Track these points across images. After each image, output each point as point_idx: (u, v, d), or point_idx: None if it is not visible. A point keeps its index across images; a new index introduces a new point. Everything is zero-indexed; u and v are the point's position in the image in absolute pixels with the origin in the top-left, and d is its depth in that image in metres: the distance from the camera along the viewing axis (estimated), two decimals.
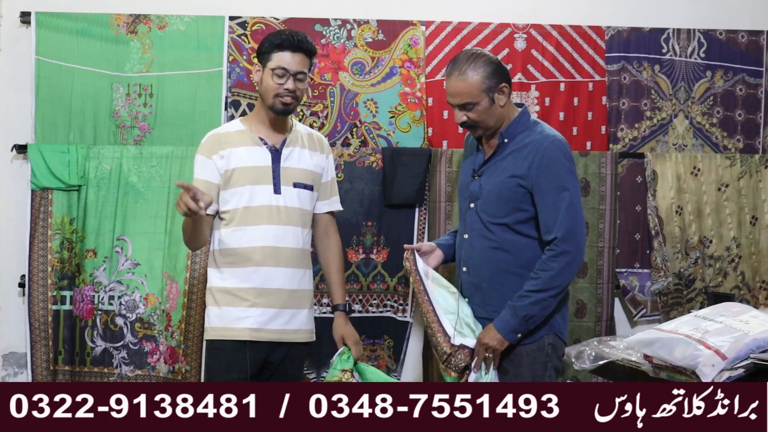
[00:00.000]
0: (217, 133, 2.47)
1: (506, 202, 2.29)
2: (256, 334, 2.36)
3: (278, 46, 2.37)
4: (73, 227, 3.38)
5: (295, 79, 2.38)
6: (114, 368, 3.37)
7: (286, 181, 2.42)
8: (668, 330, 2.29)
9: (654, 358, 2.28)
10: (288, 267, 2.42)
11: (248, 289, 2.37)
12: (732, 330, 2.16)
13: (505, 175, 2.30)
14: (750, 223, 3.71)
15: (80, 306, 3.37)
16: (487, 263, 2.31)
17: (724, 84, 3.75)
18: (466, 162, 2.49)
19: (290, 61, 2.36)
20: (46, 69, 3.44)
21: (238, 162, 2.40)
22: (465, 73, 2.27)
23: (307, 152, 2.50)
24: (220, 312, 2.40)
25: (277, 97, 2.37)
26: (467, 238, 2.36)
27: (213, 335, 2.42)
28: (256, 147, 2.42)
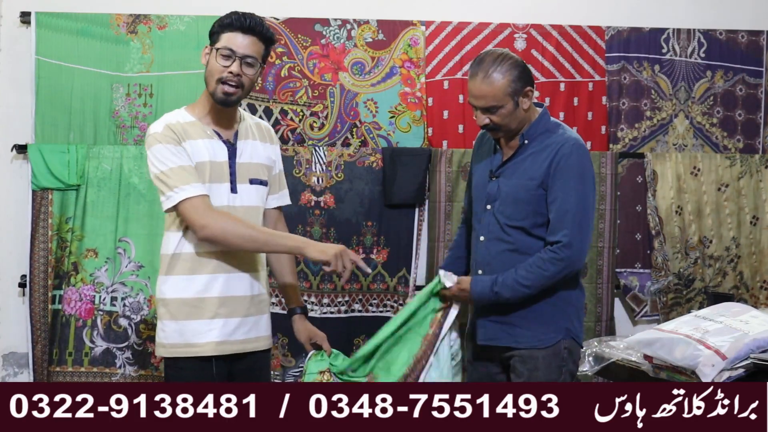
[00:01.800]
0: (171, 124, 2.14)
1: (525, 205, 2.24)
2: (221, 347, 2.12)
3: (228, 26, 2.13)
4: (68, 226, 3.38)
5: (243, 62, 2.11)
6: (117, 368, 3.37)
7: (242, 178, 2.17)
8: (668, 330, 2.29)
9: (654, 358, 2.28)
10: (248, 272, 2.18)
11: (209, 298, 2.11)
12: (732, 330, 2.16)
13: (524, 177, 2.24)
14: (750, 223, 3.71)
15: (77, 305, 3.37)
16: (503, 266, 2.23)
17: (724, 84, 3.75)
18: (482, 163, 2.38)
19: (239, 42, 2.10)
20: (46, 69, 3.44)
21: (197, 157, 2.11)
22: (491, 76, 2.18)
23: (259, 144, 2.25)
24: (179, 327, 2.11)
25: (219, 82, 2.11)
26: (483, 240, 2.29)
27: (173, 353, 2.14)
28: (211, 140, 2.14)
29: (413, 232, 3.53)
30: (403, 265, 3.51)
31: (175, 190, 2.07)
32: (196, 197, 2.06)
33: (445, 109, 3.59)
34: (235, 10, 2.19)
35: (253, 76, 2.17)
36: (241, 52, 2.11)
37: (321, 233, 3.47)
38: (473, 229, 2.38)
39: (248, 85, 2.16)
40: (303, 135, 3.54)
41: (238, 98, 2.15)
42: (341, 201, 3.49)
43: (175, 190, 2.07)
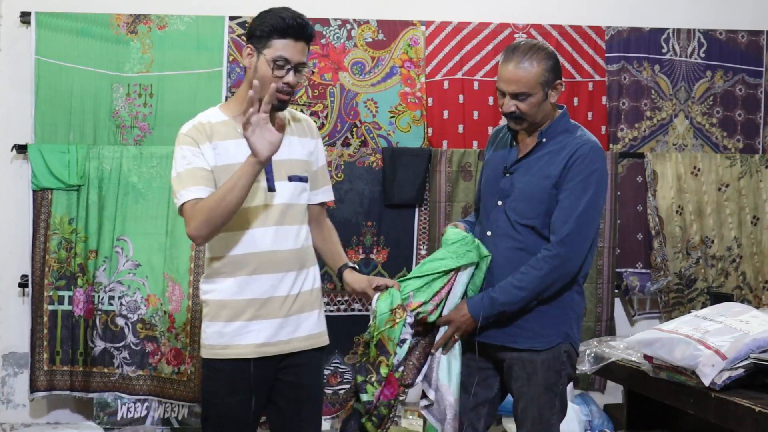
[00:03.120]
0: (201, 123, 2.10)
1: (537, 203, 2.18)
2: (261, 349, 2.08)
3: (280, 32, 2.03)
4: (72, 227, 3.38)
5: (296, 71, 2.06)
6: (115, 368, 3.36)
7: (279, 175, 2.10)
8: (668, 330, 2.29)
9: (654, 358, 2.29)
10: (290, 271, 2.11)
11: (248, 300, 2.07)
12: (732, 330, 2.16)
13: (540, 175, 2.19)
14: (751, 223, 3.71)
15: (82, 306, 3.37)
16: (508, 263, 2.18)
17: (724, 84, 3.75)
18: (495, 156, 2.33)
19: (293, 50, 2.03)
20: (46, 69, 3.44)
21: (227, 158, 2.05)
22: (526, 62, 2.14)
23: (296, 140, 2.17)
24: (218, 328, 2.09)
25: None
26: (491, 236, 2.24)
27: (211, 354, 2.11)
28: (243, 140, 1.99)
29: (413, 232, 3.53)
30: (403, 265, 3.51)
31: (179, 195, 2.05)
32: (189, 202, 2.02)
33: (445, 109, 3.59)
34: (281, 10, 2.09)
35: (302, 82, 2.16)
36: (295, 61, 2.05)
37: None
38: (479, 224, 2.33)
39: (296, 89, 2.16)
40: None
41: (289, 103, 2.13)
42: (341, 201, 3.49)
43: (179, 195, 2.05)
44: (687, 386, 2.17)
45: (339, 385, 3.49)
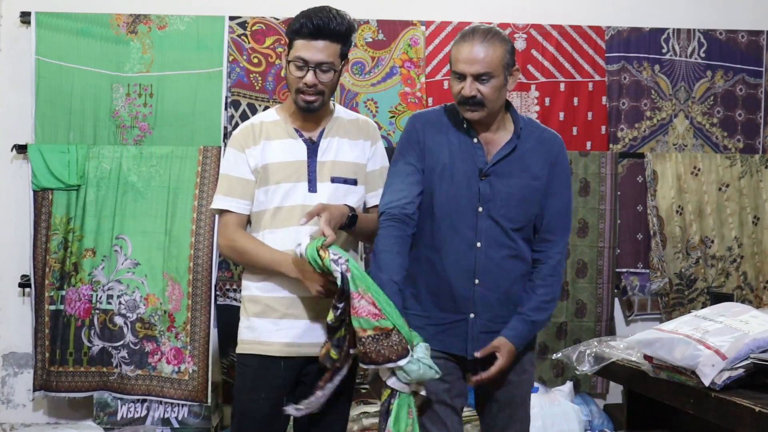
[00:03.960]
0: (252, 124, 2.16)
1: (528, 206, 2.09)
2: (289, 349, 2.09)
3: (297, 33, 2.04)
4: (70, 226, 3.38)
5: (318, 70, 2.04)
6: (114, 368, 3.36)
7: (322, 176, 2.11)
8: (668, 330, 2.29)
9: (654, 358, 2.28)
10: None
11: (278, 298, 2.10)
12: (732, 330, 2.16)
13: (527, 176, 2.08)
14: (752, 222, 3.71)
15: (77, 305, 3.36)
16: (506, 275, 2.08)
17: (724, 84, 3.75)
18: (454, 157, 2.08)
19: (309, 50, 2.02)
20: (46, 69, 3.44)
21: (272, 157, 2.11)
22: (487, 42, 1.99)
23: (346, 142, 2.17)
24: (250, 324, 2.13)
25: (298, 93, 2.07)
26: (481, 246, 2.04)
27: (242, 349, 2.15)
28: (291, 140, 2.12)
29: None
30: None
31: (219, 196, 2.15)
32: (231, 214, 2.13)
33: None
34: (304, 12, 2.07)
35: (331, 81, 2.10)
36: (314, 61, 2.04)
37: None
38: (453, 234, 2.06)
39: (329, 89, 2.11)
40: None
41: (320, 104, 2.10)
42: None
43: (219, 196, 2.15)
44: (687, 386, 2.16)
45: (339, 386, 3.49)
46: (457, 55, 2.02)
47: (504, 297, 2.08)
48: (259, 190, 2.13)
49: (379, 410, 2.01)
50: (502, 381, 2.10)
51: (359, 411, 3.39)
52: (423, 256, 2.10)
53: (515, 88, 3.60)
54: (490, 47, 2.00)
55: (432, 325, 2.08)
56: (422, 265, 2.09)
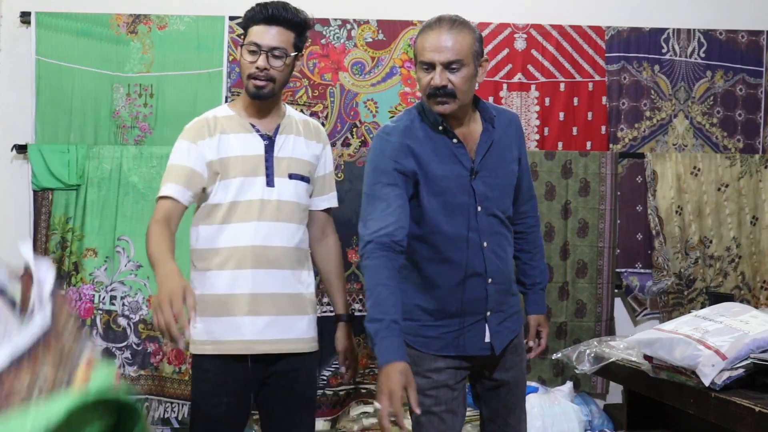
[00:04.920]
0: (204, 119, 2.14)
1: (511, 190, 2.10)
2: (252, 346, 2.06)
3: (251, 19, 2.08)
4: (69, 226, 3.38)
5: (270, 55, 2.05)
6: (117, 368, 3.36)
7: (280, 172, 2.12)
8: (668, 330, 2.29)
9: (654, 358, 2.28)
10: (283, 269, 2.10)
11: (238, 295, 2.05)
12: (732, 330, 2.16)
13: (508, 162, 2.07)
14: (750, 223, 3.72)
15: (77, 305, 3.37)
16: (507, 266, 2.09)
17: (724, 84, 3.75)
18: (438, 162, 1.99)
19: (262, 35, 2.04)
20: (46, 69, 3.44)
21: (228, 151, 2.09)
22: (455, 29, 1.90)
23: (302, 140, 2.19)
24: (206, 323, 2.05)
25: (249, 78, 2.07)
26: (488, 246, 2.01)
27: (198, 350, 2.08)
28: (248, 134, 2.11)
29: None
30: None
31: (162, 185, 2.08)
32: (166, 199, 2.04)
33: None
34: (260, 2, 2.10)
35: (284, 68, 2.10)
36: (266, 45, 2.05)
37: None
38: (459, 240, 2.00)
39: (281, 77, 2.10)
40: None
41: (270, 91, 2.10)
42: (341, 201, 3.44)
43: (162, 185, 2.08)
44: (687, 386, 2.16)
45: (339, 386, 3.49)
46: (423, 44, 1.92)
47: (507, 284, 2.12)
48: (216, 184, 2.09)
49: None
50: (505, 365, 2.13)
51: (359, 411, 3.39)
52: (431, 270, 2.03)
53: (516, 88, 3.60)
54: (459, 34, 1.90)
55: (450, 332, 2.03)
56: (431, 278, 2.03)
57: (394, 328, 1.82)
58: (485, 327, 2.05)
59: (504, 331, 2.09)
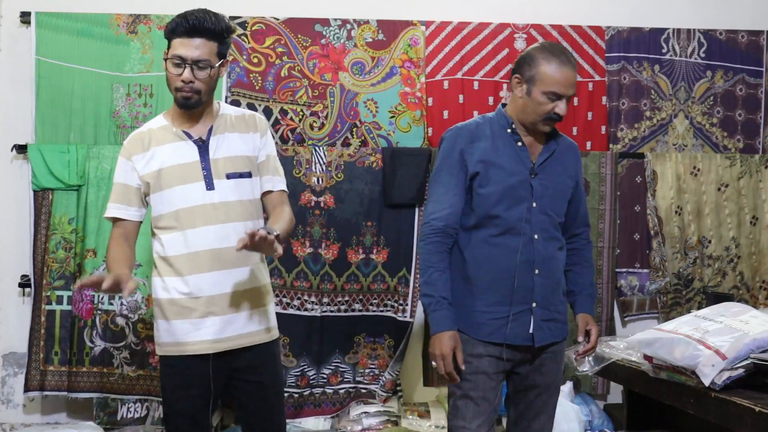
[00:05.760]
0: (140, 133, 2.21)
1: (565, 200, 2.29)
2: (215, 345, 2.13)
3: (173, 32, 2.11)
4: (71, 227, 3.38)
5: (195, 67, 2.09)
6: (115, 368, 3.36)
7: (217, 174, 2.15)
8: (668, 330, 2.30)
9: (654, 358, 2.29)
10: (237, 267, 2.16)
11: (197, 299, 2.12)
12: (732, 330, 2.16)
13: (565, 175, 2.28)
14: (750, 223, 3.72)
15: (80, 306, 3.37)
16: (555, 264, 2.23)
17: (724, 84, 3.75)
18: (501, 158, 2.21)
19: (186, 48, 2.08)
20: (46, 69, 3.44)
21: (163, 162, 2.15)
22: (574, 64, 2.20)
23: (236, 136, 2.22)
24: (169, 327, 2.14)
25: (176, 91, 2.12)
26: (538, 239, 2.18)
27: (164, 351, 2.18)
28: (180, 142, 2.15)
29: (413, 232, 3.53)
30: (403, 265, 3.51)
31: (110, 205, 2.23)
32: (120, 221, 2.21)
33: (445, 109, 3.59)
34: (180, 14, 2.13)
35: (208, 78, 2.14)
36: (189, 58, 2.09)
37: (321, 233, 3.46)
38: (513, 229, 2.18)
39: (206, 87, 2.15)
40: (303, 135, 3.54)
41: (198, 101, 2.14)
42: (341, 201, 3.49)
43: (110, 205, 2.23)
44: (687, 386, 2.17)
45: (339, 385, 3.50)
46: (556, 76, 2.15)
47: (555, 285, 2.24)
48: (154, 195, 2.17)
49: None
50: (542, 369, 2.23)
51: (359, 411, 3.39)
52: (480, 254, 2.20)
53: None
54: (575, 70, 2.19)
55: (495, 319, 2.17)
56: (480, 262, 2.20)
57: (443, 302, 2.13)
58: (530, 318, 2.18)
59: (547, 330, 2.21)
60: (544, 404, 2.27)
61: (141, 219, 2.24)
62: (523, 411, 2.27)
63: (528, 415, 2.27)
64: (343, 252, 3.49)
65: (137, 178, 2.18)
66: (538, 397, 2.25)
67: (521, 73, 2.20)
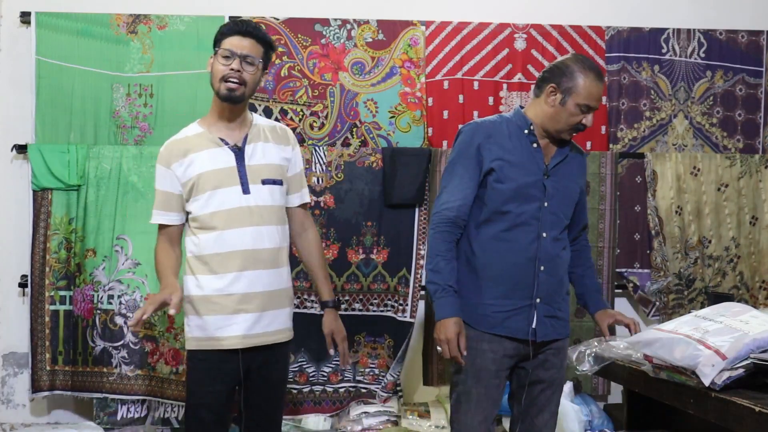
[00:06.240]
0: (176, 140, 2.33)
1: (572, 204, 2.36)
2: (246, 340, 2.24)
3: (227, 33, 2.26)
4: (72, 227, 3.38)
5: (243, 61, 2.23)
6: (114, 368, 3.36)
7: (253, 179, 2.28)
8: (668, 330, 2.29)
9: (654, 358, 2.28)
10: (268, 269, 2.28)
11: (230, 296, 2.24)
12: (732, 330, 2.16)
13: (574, 179, 2.35)
14: (750, 223, 3.72)
15: (81, 306, 3.37)
16: (561, 263, 2.31)
17: (724, 84, 3.75)
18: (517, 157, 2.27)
19: (237, 44, 2.23)
20: (46, 69, 3.44)
21: (201, 167, 2.26)
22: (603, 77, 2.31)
23: (271, 146, 2.35)
24: (202, 322, 2.25)
25: (222, 81, 2.22)
26: (546, 237, 2.26)
27: (195, 345, 2.28)
28: (217, 149, 2.28)
29: (413, 232, 3.53)
30: (403, 265, 3.51)
31: (154, 211, 2.33)
32: (166, 227, 2.32)
33: (445, 109, 3.59)
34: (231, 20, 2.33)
35: (255, 75, 2.27)
36: (240, 52, 2.22)
37: (321, 233, 3.46)
38: (523, 225, 2.24)
39: (251, 83, 2.26)
40: (303, 135, 3.54)
41: (242, 94, 2.24)
42: (341, 201, 3.49)
43: (154, 211, 2.33)
44: (687, 386, 2.17)
45: (339, 383, 3.50)
46: (591, 91, 2.25)
47: (559, 283, 2.29)
48: (193, 198, 2.28)
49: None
50: (545, 365, 2.29)
51: (359, 411, 3.40)
52: (489, 248, 2.26)
53: (516, 88, 3.61)
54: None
55: (499, 312, 2.23)
56: (488, 255, 2.25)
57: (448, 290, 2.19)
58: (534, 313, 2.24)
59: (549, 326, 2.27)
60: (548, 400, 2.31)
61: (183, 222, 2.34)
62: (527, 407, 2.30)
63: (532, 411, 2.30)
64: (343, 252, 3.49)
65: (178, 185, 2.29)
66: (542, 393, 2.30)
67: (558, 83, 2.25)
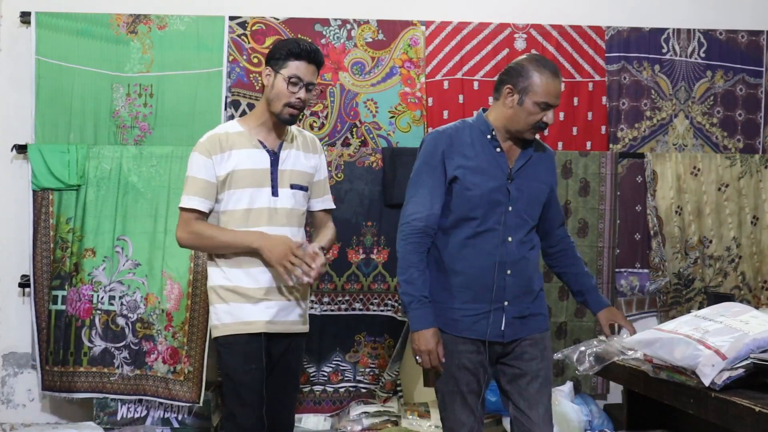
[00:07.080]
0: (218, 134, 2.43)
1: (540, 205, 2.38)
2: (271, 326, 2.37)
3: (295, 55, 2.37)
4: (69, 226, 3.38)
5: (306, 89, 2.39)
6: (115, 368, 3.37)
7: (283, 183, 2.43)
8: (668, 330, 2.29)
9: (654, 358, 2.28)
10: None
11: (256, 288, 2.37)
12: (732, 330, 2.16)
13: (540, 180, 2.37)
14: (751, 223, 3.71)
15: (77, 305, 3.37)
16: (529, 264, 2.33)
17: (724, 84, 3.75)
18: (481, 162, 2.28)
19: (305, 71, 2.37)
20: (46, 69, 3.44)
21: (238, 164, 2.39)
22: (561, 75, 2.32)
23: (302, 154, 2.51)
24: (229, 308, 2.38)
25: (287, 106, 2.37)
26: (512, 241, 2.29)
27: (225, 331, 2.38)
28: (255, 150, 2.41)
29: None
30: None
31: (183, 197, 2.39)
32: (189, 210, 2.37)
33: (445, 109, 3.59)
34: (297, 39, 2.45)
35: (311, 98, 2.49)
36: (306, 81, 2.38)
37: None
38: (488, 231, 2.27)
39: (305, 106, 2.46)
40: None
41: (297, 119, 2.44)
42: (341, 201, 3.49)
43: (183, 197, 2.39)
44: (687, 386, 2.16)
45: (340, 383, 3.50)
46: (549, 89, 2.24)
47: (527, 284, 2.32)
48: (226, 193, 2.39)
49: None
50: (524, 357, 2.32)
51: (359, 411, 3.39)
52: (456, 254, 2.28)
53: None
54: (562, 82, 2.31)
55: (468, 316, 2.26)
56: (456, 261, 2.28)
57: (423, 300, 2.23)
58: (502, 316, 2.27)
59: (518, 326, 2.30)
60: (538, 393, 2.30)
61: (209, 213, 2.43)
62: (518, 402, 2.31)
63: (523, 406, 2.30)
64: (344, 252, 3.49)
65: (215, 176, 2.38)
66: (529, 385, 2.30)
67: (514, 84, 2.27)
